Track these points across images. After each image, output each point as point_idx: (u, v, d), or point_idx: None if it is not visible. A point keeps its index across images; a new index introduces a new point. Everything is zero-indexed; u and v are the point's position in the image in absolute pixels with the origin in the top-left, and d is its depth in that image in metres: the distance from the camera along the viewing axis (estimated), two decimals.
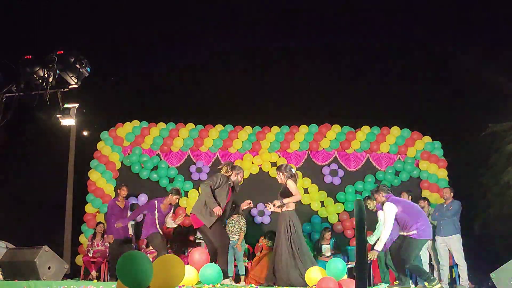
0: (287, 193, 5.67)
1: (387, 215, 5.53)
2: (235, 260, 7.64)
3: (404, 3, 9.56)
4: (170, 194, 6.78)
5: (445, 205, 7.26)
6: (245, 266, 7.70)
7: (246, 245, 8.15)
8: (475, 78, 8.92)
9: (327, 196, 9.09)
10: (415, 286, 6.64)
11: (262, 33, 10.12)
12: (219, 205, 5.44)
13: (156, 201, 6.74)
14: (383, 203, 5.66)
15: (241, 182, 5.93)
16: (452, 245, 6.99)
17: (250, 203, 5.94)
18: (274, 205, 5.61)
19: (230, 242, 6.20)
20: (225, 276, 5.28)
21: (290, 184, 5.60)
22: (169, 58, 10.02)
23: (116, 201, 7.53)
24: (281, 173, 5.72)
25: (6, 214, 8.49)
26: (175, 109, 9.75)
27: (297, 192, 5.56)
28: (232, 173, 5.77)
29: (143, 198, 8.92)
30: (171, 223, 6.83)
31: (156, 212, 6.61)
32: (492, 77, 8.59)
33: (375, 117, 9.56)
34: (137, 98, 9.71)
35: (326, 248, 7.93)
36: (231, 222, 7.70)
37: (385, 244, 5.58)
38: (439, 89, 9.57)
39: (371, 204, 7.09)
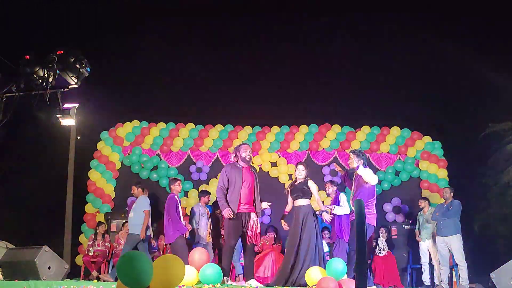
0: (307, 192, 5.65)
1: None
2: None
3: (403, 2, 9.57)
4: (172, 186, 6.97)
5: (445, 205, 7.25)
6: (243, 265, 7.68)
7: None
8: (475, 78, 8.92)
9: (327, 196, 9.09)
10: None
11: (262, 33, 10.12)
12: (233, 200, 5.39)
13: (175, 196, 6.88)
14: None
15: (250, 156, 5.63)
16: (452, 245, 6.99)
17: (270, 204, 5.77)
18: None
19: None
20: (224, 275, 5.25)
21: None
22: (169, 58, 10.02)
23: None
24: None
25: (6, 214, 8.49)
26: (175, 109, 9.74)
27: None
28: (236, 153, 5.60)
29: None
30: None
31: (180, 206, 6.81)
32: (492, 77, 8.59)
33: (375, 117, 9.56)
34: (137, 98, 9.70)
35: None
36: None
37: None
38: (439, 89, 9.57)
39: None
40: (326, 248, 7.79)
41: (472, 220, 8.89)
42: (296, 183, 5.75)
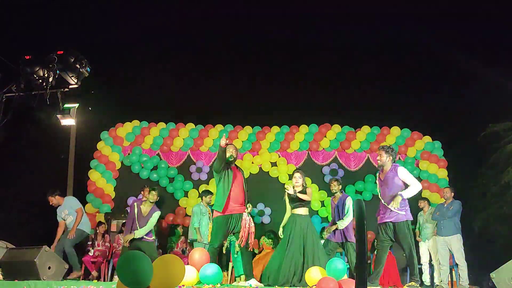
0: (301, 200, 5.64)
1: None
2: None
3: (403, 2, 9.57)
4: (142, 192, 6.82)
5: (445, 205, 7.25)
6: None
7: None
8: (475, 78, 8.93)
9: (327, 196, 9.09)
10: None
11: (262, 34, 10.12)
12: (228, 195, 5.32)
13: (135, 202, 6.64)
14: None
15: (232, 156, 5.49)
16: (452, 245, 6.99)
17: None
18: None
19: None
20: None
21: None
22: (169, 57, 10.02)
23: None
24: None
25: (6, 214, 8.49)
26: (175, 109, 9.74)
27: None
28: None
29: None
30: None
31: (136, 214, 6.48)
32: (492, 77, 8.60)
33: (375, 117, 9.56)
34: (137, 98, 9.69)
35: None
36: None
37: None
38: (439, 89, 9.58)
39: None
40: None
41: (472, 220, 8.88)
42: (295, 192, 5.76)
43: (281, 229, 5.84)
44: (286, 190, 5.73)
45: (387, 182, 5.34)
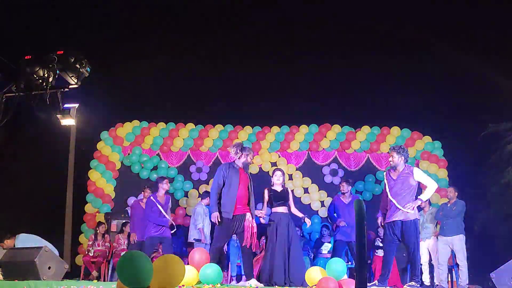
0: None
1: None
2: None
3: (402, 3, 9.59)
4: (160, 184, 6.57)
5: (449, 205, 7.22)
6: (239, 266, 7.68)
7: None
8: (475, 78, 8.93)
9: (327, 196, 9.10)
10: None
11: (262, 34, 10.13)
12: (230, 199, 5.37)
13: (151, 197, 6.55)
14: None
15: (252, 164, 5.76)
16: (455, 245, 6.97)
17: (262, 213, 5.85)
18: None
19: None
20: None
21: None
22: (169, 57, 10.02)
23: (140, 201, 7.43)
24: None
25: (6, 214, 8.49)
26: (175, 109, 9.75)
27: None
28: (242, 154, 5.51)
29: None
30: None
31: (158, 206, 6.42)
32: (492, 77, 8.60)
33: (375, 117, 9.56)
34: (137, 98, 9.70)
35: (327, 245, 8.02)
36: None
37: None
38: (439, 89, 9.58)
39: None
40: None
41: (472, 220, 8.87)
42: (277, 190, 5.82)
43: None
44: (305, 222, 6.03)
45: (401, 182, 5.36)
